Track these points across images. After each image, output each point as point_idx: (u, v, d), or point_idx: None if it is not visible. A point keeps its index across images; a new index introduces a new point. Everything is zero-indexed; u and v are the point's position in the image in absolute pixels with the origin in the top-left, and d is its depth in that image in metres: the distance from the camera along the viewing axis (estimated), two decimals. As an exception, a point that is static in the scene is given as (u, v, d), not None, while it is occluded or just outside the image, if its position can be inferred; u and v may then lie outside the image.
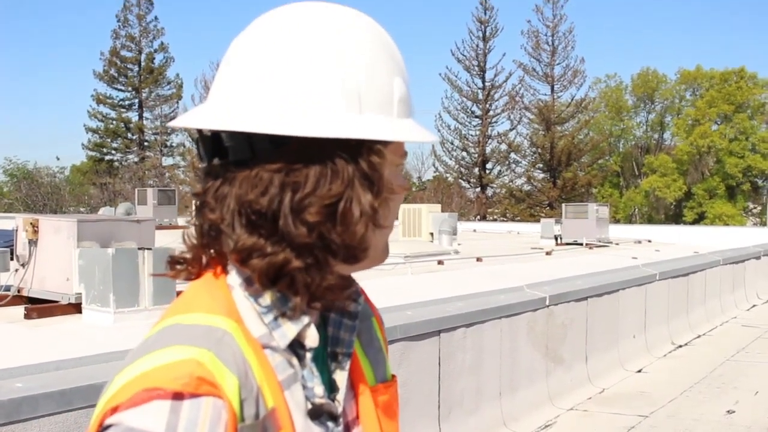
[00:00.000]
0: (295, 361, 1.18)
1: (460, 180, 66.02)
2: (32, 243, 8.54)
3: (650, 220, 65.96)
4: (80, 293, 7.60)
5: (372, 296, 1.46)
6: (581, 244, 23.70)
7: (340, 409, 1.23)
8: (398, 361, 6.51)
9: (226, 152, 1.14)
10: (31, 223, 8.54)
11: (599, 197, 62.88)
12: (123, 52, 65.83)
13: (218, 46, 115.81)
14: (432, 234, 23.42)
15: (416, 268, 13.72)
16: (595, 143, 63.77)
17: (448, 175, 66.85)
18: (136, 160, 67.02)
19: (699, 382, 10.27)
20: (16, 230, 8.87)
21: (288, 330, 1.17)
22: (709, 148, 67.30)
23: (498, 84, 63.70)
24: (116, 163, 67.56)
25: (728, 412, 8.83)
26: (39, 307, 7.87)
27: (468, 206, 62.09)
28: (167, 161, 68.01)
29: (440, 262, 15.62)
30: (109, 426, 1.03)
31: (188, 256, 1.25)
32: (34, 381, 4.24)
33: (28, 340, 6.51)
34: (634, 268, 13.29)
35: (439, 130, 65.28)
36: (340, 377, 1.25)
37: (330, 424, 1.21)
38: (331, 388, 1.24)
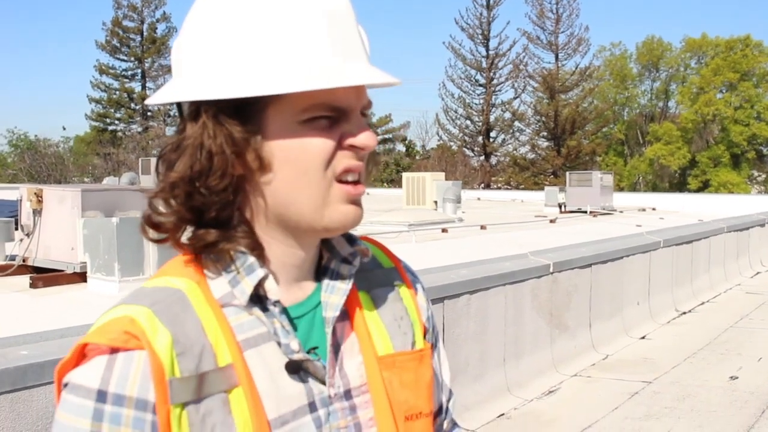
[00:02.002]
0: (266, 319, 1.17)
1: (464, 148, 65.98)
2: (37, 213, 8.56)
3: (654, 189, 65.88)
4: (85, 262, 7.62)
5: None
6: (585, 212, 23.71)
7: (328, 373, 1.21)
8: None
9: None
10: (35, 193, 8.56)
11: (603, 165, 62.81)
12: (125, 22, 65.69)
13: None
14: (436, 202, 23.46)
15: (420, 236, 13.74)
16: (599, 111, 63.60)
17: (452, 143, 66.82)
18: (139, 130, 67.04)
19: (702, 349, 10.30)
20: (21, 200, 8.89)
21: (245, 285, 1.16)
22: (714, 117, 67.07)
23: (502, 52, 63.50)
24: (119, 133, 67.60)
25: (731, 378, 8.86)
26: (44, 276, 7.90)
27: (472, 174, 62.08)
28: (171, 131, 67.94)
29: (444, 230, 15.64)
30: (66, 384, 1.10)
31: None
32: (39, 349, 4.27)
33: (33, 308, 6.54)
34: (639, 235, 13.29)
35: (443, 99, 65.20)
36: (327, 340, 1.22)
37: (315, 385, 1.19)
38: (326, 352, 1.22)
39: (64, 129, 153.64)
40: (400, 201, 26.57)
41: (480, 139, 64.65)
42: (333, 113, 1.14)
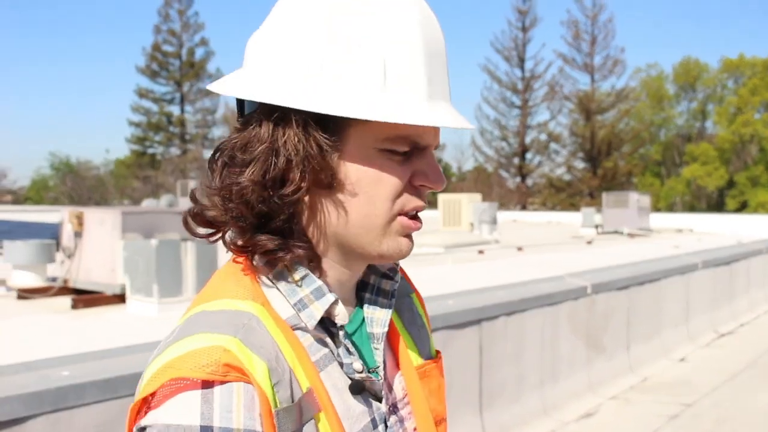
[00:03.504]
0: (329, 340, 1.16)
1: (500, 170, 65.86)
2: (77, 235, 8.68)
3: (692, 209, 65.23)
4: (124, 284, 7.70)
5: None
6: (622, 233, 23.57)
7: (382, 388, 1.21)
8: (440, 350, 6.53)
9: None
10: (76, 216, 8.68)
11: (640, 186, 62.33)
12: (164, 47, 66.47)
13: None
14: (472, 224, 23.42)
15: (457, 257, 13.74)
16: (635, 132, 63.27)
17: (488, 165, 66.76)
18: (178, 153, 67.65)
19: (743, 371, 10.19)
20: (62, 222, 9.02)
21: (315, 310, 1.14)
22: (752, 137, 66.41)
23: (537, 74, 63.54)
24: (158, 156, 68.26)
25: (772, 401, 8.75)
26: (84, 297, 8.00)
27: (508, 196, 61.91)
28: (208, 154, 68.51)
29: (481, 252, 15.63)
30: (144, 428, 1.01)
31: None
32: (80, 369, 4.32)
33: (74, 329, 6.62)
34: (676, 257, 13.19)
35: (478, 121, 65.11)
36: (378, 356, 1.22)
37: (373, 401, 1.19)
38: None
39: (108, 152, 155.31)
40: (437, 223, 26.54)
41: (516, 160, 64.57)
42: (411, 148, 1.13)
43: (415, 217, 1.18)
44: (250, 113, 1.13)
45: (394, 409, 1.24)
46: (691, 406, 8.57)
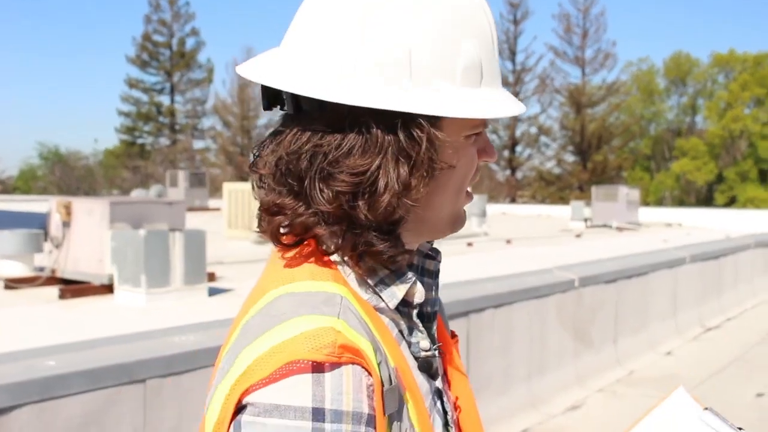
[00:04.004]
0: (399, 319, 1.17)
1: (489, 162, 65.87)
2: (65, 225, 8.66)
3: (681, 204, 65.42)
4: (112, 274, 7.69)
5: None
6: (611, 227, 23.62)
7: (441, 366, 1.26)
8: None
9: (284, 103, 1.14)
10: (64, 206, 8.65)
11: (630, 180, 62.44)
12: (155, 37, 66.16)
13: (249, 29, 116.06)
14: (461, 217, 23.41)
15: (445, 249, 13.70)
16: (626, 126, 63.32)
17: (477, 158, 66.70)
18: (167, 143, 67.49)
19: (729, 365, 10.24)
20: (50, 212, 8.99)
21: (397, 289, 1.15)
22: (742, 132, 66.58)
23: (528, 67, 63.44)
24: (148, 147, 68.06)
25: (758, 395, 8.80)
26: (73, 287, 7.98)
27: (498, 189, 61.92)
28: (198, 144, 68.38)
29: (470, 244, 15.64)
30: (245, 406, 1.00)
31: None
32: (66, 360, 4.32)
33: (62, 320, 6.61)
34: (665, 250, 13.24)
35: (468, 113, 64.97)
36: (433, 335, 1.24)
37: (432, 380, 1.22)
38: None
39: (96, 141, 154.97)
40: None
41: (506, 153, 64.53)
42: (484, 128, 1.20)
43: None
44: (328, 111, 1.08)
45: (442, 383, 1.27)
46: (677, 399, 8.59)
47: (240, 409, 1.00)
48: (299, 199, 1.11)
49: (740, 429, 1.38)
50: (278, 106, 1.15)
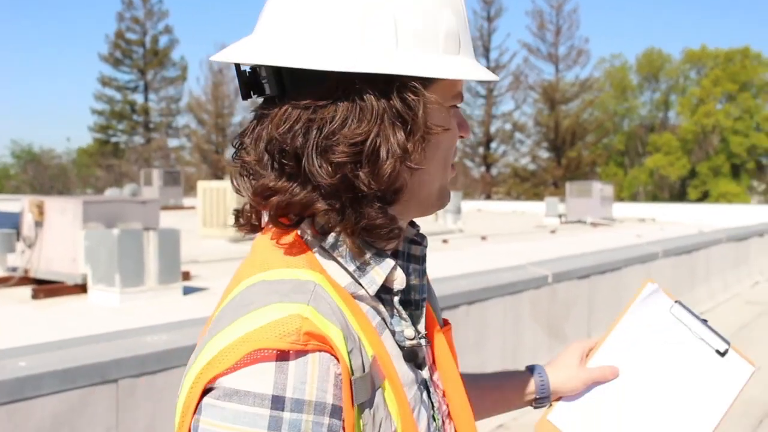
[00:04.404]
0: (381, 307, 1.15)
1: (464, 159, 66.01)
2: (38, 224, 8.61)
3: (654, 199, 65.85)
4: (86, 274, 7.66)
5: None
6: (585, 223, 23.75)
7: (425, 354, 1.22)
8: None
9: (263, 89, 1.10)
10: (36, 205, 8.60)
11: (604, 176, 62.80)
12: (128, 35, 65.82)
13: (223, 28, 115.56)
14: (436, 213, 23.48)
15: (420, 247, 13.76)
16: (599, 122, 63.73)
17: (452, 154, 66.87)
18: (141, 141, 67.18)
19: (701, 359, 10.31)
20: (22, 212, 8.93)
21: (376, 275, 1.12)
22: (714, 127, 67.11)
23: (502, 64, 63.63)
24: (122, 145, 67.76)
25: (730, 388, 8.87)
26: (45, 287, 7.94)
27: (473, 185, 62.10)
28: (173, 143, 68.16)
29: (445, 241, 15.68)
30: (209, 390, 0.99)
31: (248, 207, 1.20)
32: (37, 360, 4.29)
33: (34, 320, 6.57)
34: (637, 246, 13.32)
35: (443, 110, 65.13)
36: (422, 324, 1.21)
37: (418, 370, 1.19)
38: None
39: (69, 140, 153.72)
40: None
41: (480, 149, 64.72)
42: (460, 102, 1.20)
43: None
44: (316, 84, 1.06)
45: (430, 373, 1.25)
46: (650, 393, 8.66)
47: (205, 393, 0.99)
48: (295, 179, 1.08)
49: (705, 321, 1.46)
50: (258, 94, 1.12)
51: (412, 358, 1.17)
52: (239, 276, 1.13)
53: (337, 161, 1.04)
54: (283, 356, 0.98)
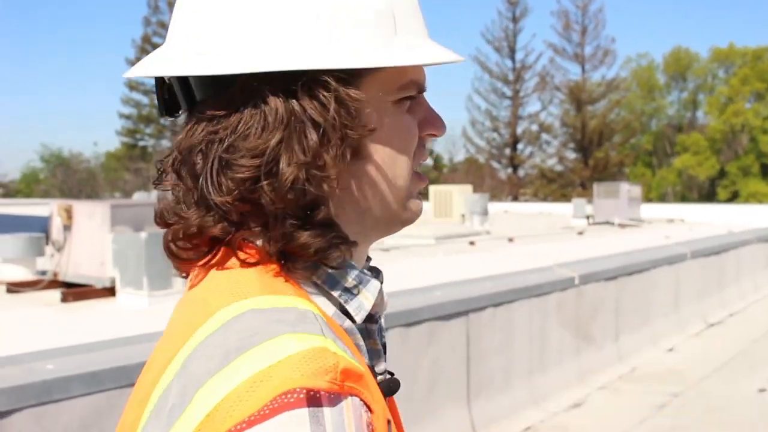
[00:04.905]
0: (361, 340, 0.98)
1: (491, 161, 65.90)
2: (67, 228, 8.68)
3: (683, 199, 65.36)
4: (114, 277, 7.71)
5: (400, 277, 1.38)
6: (613, 224, 23.60)
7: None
8: (427, 342, 6.56)
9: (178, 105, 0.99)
10: (65, 209, 8.68)
11: (632, 177, 62.43)
12: (154, 39, 66.15)
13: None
14: (463, 215, 23.42)
15: (447, 248, 13.77)
16: (626, 122, 63.31)
17: (479, 156, 66.78)
18: (169, 145, 67.48)
19: (731, 361, 10.24)
20: (51, 216, 9.01)
21: (364, 300, 0.96)
22: (743, 127, 66.55)
23: (528, 65, 63.48)
24: (150, 149, 68.11)
25: (760, 390, 8.80)
26: (75, 290, 8.00)
27: (500, 187, 61.95)
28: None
29: (472, 243, 15.66)
30: None
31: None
32: (66, 363, 4.33)
33: (63, 323, 6.63)
34: (666, 247, 13.24)
35: (469, 111, 65.25)
36: (384, 354, 1.06)
37: None
38: None
39: (96, 144, 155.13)
40: (427, 214, 26.56)
41: (507, 151, 64.56)
42: (418, 93, 1.02)
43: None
44: (222, 92, 0.93)
45: None
46: (679, 395, 8.62)
47: None
48: (193, 199, 0.94)
49: None
50: (172, 113, 1.01)
51: (393, 391, 1.02)
52: (207, 306, 0.91)
53: (239, 177, 0.90)
54: (315, 401, 0.77)
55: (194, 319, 0.91)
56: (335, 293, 0.95)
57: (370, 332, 1.01)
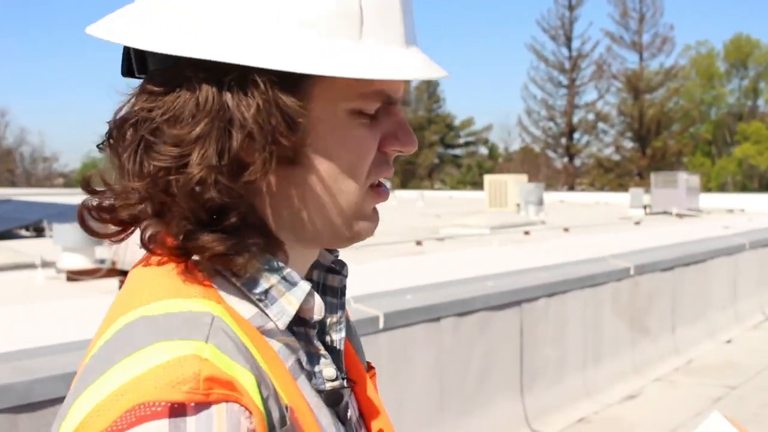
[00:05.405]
0: (295, 344, 0.92)
1: (547, 150, 65.50)
2: (124, 218, 8.81)
3: (744, 189, 64.38)
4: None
5: (455, 267, 1.32)
6: (671, 214, 23.35)
7: (349, 399, 0.99)
8: (479, 332, 6.56)
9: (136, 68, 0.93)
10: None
11: (690, 166, 61.61)
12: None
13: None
14: (518, 205, 23.35)
15: (502, 238, 13.73)
16: (685, 111, 62.55)
17: (535, 145, 66.42)
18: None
19: (790, 353, 10.09)
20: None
21: (287, 304, 0.90)
22: (806, 114, 65.32)
23: (585, 53, 63.05)
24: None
25: (820, 383, 8.66)
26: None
27: (555, 176, 61.61)
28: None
29: (527, 233, 15.60)
30: None
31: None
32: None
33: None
34: (723, 237, 13.06)
35: (525, 101, 64.80)
36: (341, 366, 1.01)
37: (335, 415, 0.97)
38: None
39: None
40: (482, 204, 26.49)
41: (563, 140, 64.16)
42: (382, 104, 0.93)
43: (379, 185, 0.97)
44: (168, 70, 0.87)
45: (357, 424, 1.04)
46: (736, 388, 8.51)
47: None
48: (118, 173, 0.90)
49: None
50: (132, 74, 0.93)
51: (336, 402, 0.95)
52: (112, 314, 0.88)
53: (155, 164, 0.85)
54: (178, 411, 0.74)
55: (102, 327, 0.88)
56: (254, 296, 0.90)
57: (310, 336, 0.94)
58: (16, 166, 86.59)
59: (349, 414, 0.99)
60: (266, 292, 0.89)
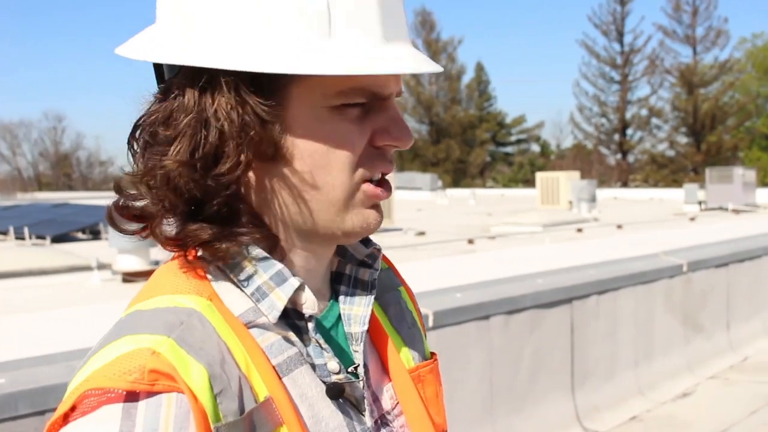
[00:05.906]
0: (296, 338, 0.97)
1: (600, 147, 64.96)
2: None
3: (802, 183, 63.24)
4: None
5: (505, 265, 1.33)
6: (726, 210, 23.05)
7: (364, 393, 1.02)
8: (529, 330, 6.55)
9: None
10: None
11: (746, 161, 60.65)
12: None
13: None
14: (570, 202, 23.21)
15: (554, 236, 13.68)
16: (741, 105, 61.60)
17: (587, 142, 65.92)
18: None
19: None
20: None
21: (276, 299, 0.95)
22: None
23: (637, 48, 62.48)
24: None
25: None
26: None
27: (609, 173, 61.10)
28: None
29: (579, 230, 15.52)
30: None
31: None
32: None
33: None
34: (780, 233, 12.85)
35: (577, 97, 64.44)
36: (358, 357, 1.03)
37: (351, 409, 1.00)
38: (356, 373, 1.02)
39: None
40: (535, 201, 26.37)
41: (616, 136, 63.60)
42: (368, 100, 0.96)
43: (381, 183, 1.00)
44: (170, 78, 0.94)
45: (382, 421, 1.06)
46: (793, 385, 8.39)
47: None
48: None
49: None
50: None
51: (338, 395, 0.97)
52: (126, 308, 0.98)
53: (149, 164, 0.93)
54: (131, 398, 0.82)
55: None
56: (248, 291, 0.96)
57: (304, 330, 0.98)
58: (73, 171, 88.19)
59: (366, 408, 1.01)
60: (258, 288, 0.96)
